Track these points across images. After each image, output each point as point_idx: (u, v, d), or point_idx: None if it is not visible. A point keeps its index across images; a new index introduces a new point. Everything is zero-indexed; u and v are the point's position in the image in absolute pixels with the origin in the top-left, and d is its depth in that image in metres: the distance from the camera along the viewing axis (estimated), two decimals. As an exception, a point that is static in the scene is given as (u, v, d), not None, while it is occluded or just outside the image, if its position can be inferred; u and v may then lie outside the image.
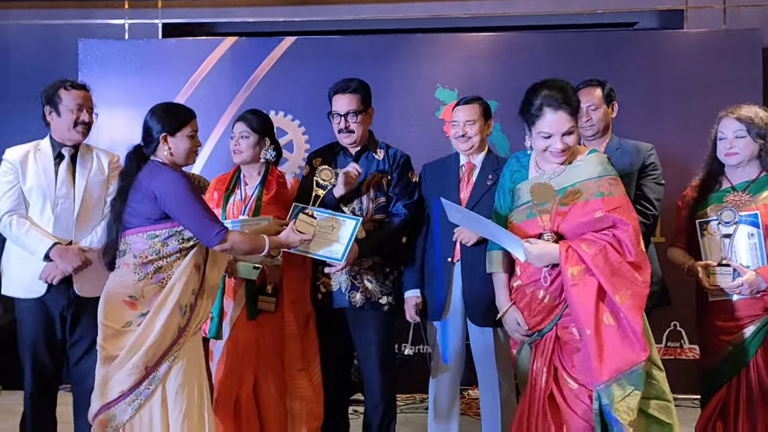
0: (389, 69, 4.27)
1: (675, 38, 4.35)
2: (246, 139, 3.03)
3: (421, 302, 3.04)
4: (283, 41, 4.41)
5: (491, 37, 4.50)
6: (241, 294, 2.94)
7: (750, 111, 2.71)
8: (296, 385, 2.95)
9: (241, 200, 3.05)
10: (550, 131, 2.40)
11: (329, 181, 2.82)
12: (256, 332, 2.93)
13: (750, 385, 2.54)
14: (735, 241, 2.58)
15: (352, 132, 3.00)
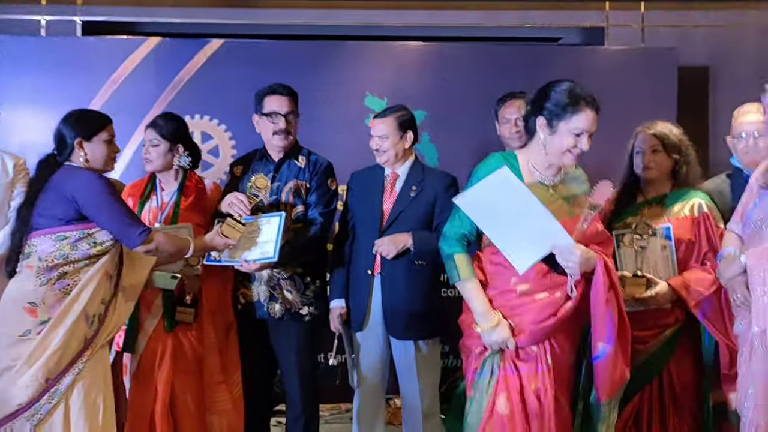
0: (319, 76, 4.22)
1: (596, 54, 4.49)
2: (156, 147, 2.92)
3: (346, 312, 3.01)
4: (210, 43, 4.29)
5: (421, 47, 4.52)
6: (158, 305, 2.83)
7: (665, 127, 2.81)
8: (216, 398, 2.87)
9: (158, 207, 2.95)
10: (585, 128, 2.30)
11: (264, 190, 2.74)
12: (173, 344, 2.83)
13: (662, 394, 2.62)
14: (649, 253, 2.67)
15: (290, 134, 2.95)
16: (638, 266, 2.67)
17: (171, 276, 2.80)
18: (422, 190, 3.01)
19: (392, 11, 4.70)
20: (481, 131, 4.00)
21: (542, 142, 2.33)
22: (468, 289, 2.35)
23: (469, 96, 4.17)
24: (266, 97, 2.96)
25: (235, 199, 2.79)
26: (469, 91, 4.20)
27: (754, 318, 2.21)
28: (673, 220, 2.69)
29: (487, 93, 3.81)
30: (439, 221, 3.00)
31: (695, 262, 2.67)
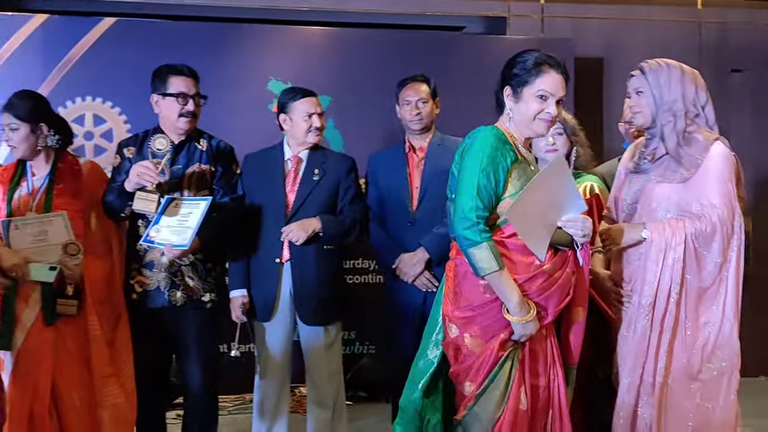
0: (219, 58, 4.10)
1: (498, 43, 4.58)
2: (16, 132, 2.68)
3: (248, 302, 2.94)
4: (103, 21, 4.08)
5: (326, 32, 4.47)
6: (35, 298, 2.64)
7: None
8: (106, 392, 2.71)
9: (28, 194, 2.73)
10: (550, 91, 2.17)
11: (165, 149, 2.64)
12: (54, 338, 2.65)
13: None
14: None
15: (196, 117, 2.84)
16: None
17: (49, 267, 2.60)
18: (325, 174, 2.97)
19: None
20: (385, 117, 3.97)
21: (509, 114, 2.23)
22: (504, 278, 2.11)
23: (374, 82, 4.16)
24: (171, 77, 2.82)
25: (141, 168, 2.64)
26: (374, 77, 4.19)
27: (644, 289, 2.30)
28: None
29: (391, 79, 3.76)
30: (343, 204, 2.99)
31: None
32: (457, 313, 2.20)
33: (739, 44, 5.16)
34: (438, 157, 3.09)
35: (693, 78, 2.38)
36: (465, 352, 2.19)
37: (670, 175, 2.33)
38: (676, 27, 5.01)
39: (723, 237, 2.27)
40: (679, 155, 2.31)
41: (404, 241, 3.05)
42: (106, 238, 2.86)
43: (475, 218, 2.11)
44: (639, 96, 2.39)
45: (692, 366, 2.30)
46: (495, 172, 2.14)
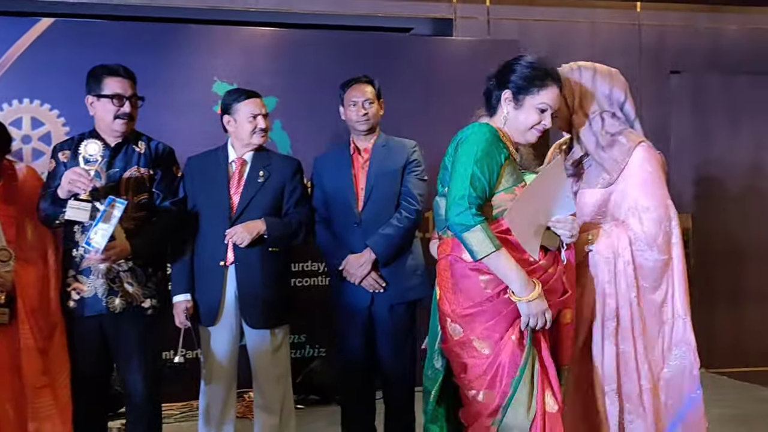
0: (161, 59, 4.03)
1: (445, 44, 4.62)
2: None
3: (192, 306, 2.88)
4: (40, 22, 3.97)
5: (273, 33, 4.43)
6: None
7: None
8: (38, 404, 2.61)
9: None
10: (550, 104, 2.17)
11: (97, 154, 2.57)
12: None
13: None
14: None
15: (132, 119, 2.77)
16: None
17: None
18: (270, 176, 2.94)
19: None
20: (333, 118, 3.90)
21: (505, 117, 2.20)
22: (503, 258, 2.05)
23: (321, 83, 4.13)
24: (106, 78, 2.74)
25: (72, 174, 2.55)
26: (320, 78, 4.17)
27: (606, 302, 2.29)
28: None
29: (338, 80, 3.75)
30: (288, 206, 2.97)
31: None
32: (459, 311, 2.14)
33: (678, 46, 5.32)
34: (383, 158, 3.09)
35: (608, 77, 2.37)
36: (474, 355, 2.12)
37: (594, 180, 2.34)
38: (617, 29, 5.14)
39: (663, 236, 2.26)
40: (602, 158, 2.31)
41: (350, 243, 3.03)
42: (41, 245, 2.77)
43: (467, 204, 2.07)
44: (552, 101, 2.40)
45: (656, 367, 2.32)
46: (489, 165, 2.12)
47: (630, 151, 2.29)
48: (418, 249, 3.12)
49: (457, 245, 2.16)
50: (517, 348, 2.10)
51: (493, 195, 2.15)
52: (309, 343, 4.25)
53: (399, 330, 3.06)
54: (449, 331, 2.17)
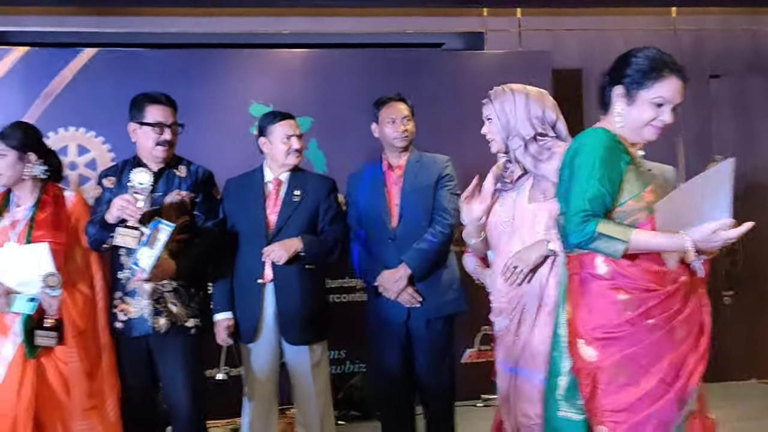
0: (200, 84, 4.14)
1: (476, 58, 4.63)
2: (3, 158, 2.73)
3: (233, 324, 2.95)
4: (84, 52, 4.12)
5: (305, 54, 4.51)
6: (15, 331, 2.65)
7: None
8: (86, 425, 2.69)
9: (10, 225, 2.76)
10: (668, 98, 2.01)
11: (147, 184, 2.66)
12: (35, 372, 2.64)
13: None
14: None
15: (172, 145, 2.87)
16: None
17: (28, 299, 2.62)
18: (305, 195, 3.00)
19: (273, 18, 4.68)
20: (368, 136, 3.99)
21: (617, 114, 2.05)
22: (641, 237, 1.91)
23: (354, 101, 4.19)
24: (148, 106, 2.85)
25: (122, 201, 2.65)
26: (354, 96, 4.23)
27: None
28: None
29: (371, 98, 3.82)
30: (324, 224, 3.02)
31: None
32: (594, 333, 1.97)
33: (716, 50, 5.23)
34: (416, 173, 3.12)
35: (539, 99, 2.40)
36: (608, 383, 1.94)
37: (539, 194, 2.34)
38: (653, 36, 5.06)
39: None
40: (545, 171, 2.31)
41: (385, 259, 3.06)
42: (88, 269, 2.87)
43: (581, 219, 1.94)
44: (489, 123, 2.43)
45: None
46: (609, 175, 1.97)
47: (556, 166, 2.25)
48: (453, 263, 3.13)
49: (588, 261, 2.02)
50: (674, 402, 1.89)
51: (621, 205, 2.00)
52: (349, 359, 4.28)
53: (437, 344, 3.07)
54: (581, 353, 2.01)
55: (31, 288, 2.63)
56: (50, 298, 2.64)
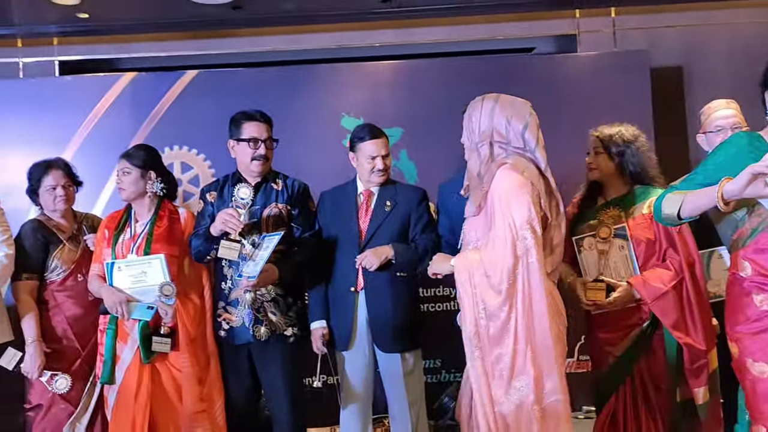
0: (293, 100, 4.26)
1: (570, 61, 4.52)
2: (128, 175, 2.98)
3: (328, 333, 3.00)
4: (185, 75, 4.34)
5: (394, 65, 4.56)
6: (134, 337, 2.84)
7: (612, 129, 2.80)
8: (198, 427, 2.85)
9: (130, 238, 2.97)
10: None
11: (248, 198, 2.77)
12: (152, 376, 2.83)
13: (635, 394, 2.60)
14: (609, 256, 2.66)
15: (267, 159, 2.96)
16: (600, 270, 2.67)
17: (147, 307, 2.80)
18: (396, 205, 3.03)
19: (362, 32, 4.75)
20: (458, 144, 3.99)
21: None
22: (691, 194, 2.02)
23: (444, 110, 4.18)
24: (245, 123, 2.97)
25: (225, 215, 2.77)
26: (444, 105, 4.22)
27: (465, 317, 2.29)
28: (631, 220, 2.68)
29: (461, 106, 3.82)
30: (415, 233, 3.04)
31: (657, 260, 2.65)
32: (738, 329, 2.08)
33: (833, 39, 4.87)
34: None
35: (508, 107, 2.34)
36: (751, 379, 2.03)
37: (470, 208, 2.35)
38: (760, 28, 4.79)
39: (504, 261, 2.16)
40: (476, 186, 2.29)
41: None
42: (198, 280, 3.04)
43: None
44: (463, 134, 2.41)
45: (496, 397, 2.20)
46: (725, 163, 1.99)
47: (492, 176, 2.25)
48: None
49: (736, 262, 2.11)
50: None
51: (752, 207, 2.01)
52: (445, 368, 4.26)
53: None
54: (731, 351, 2.13)
55: (147, 297, 2.82)
56: (166, 306, 2.82)
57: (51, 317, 3.06)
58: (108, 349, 2.84)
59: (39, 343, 2.97)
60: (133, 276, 2.85)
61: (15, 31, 4.49)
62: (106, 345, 2.86)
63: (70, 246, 3.13)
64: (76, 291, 3.08)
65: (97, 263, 3.01)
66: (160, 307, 2.83)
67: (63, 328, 3.05)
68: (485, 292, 2.22)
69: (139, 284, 2.85)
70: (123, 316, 2.82)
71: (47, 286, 3.08)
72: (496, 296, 2.20)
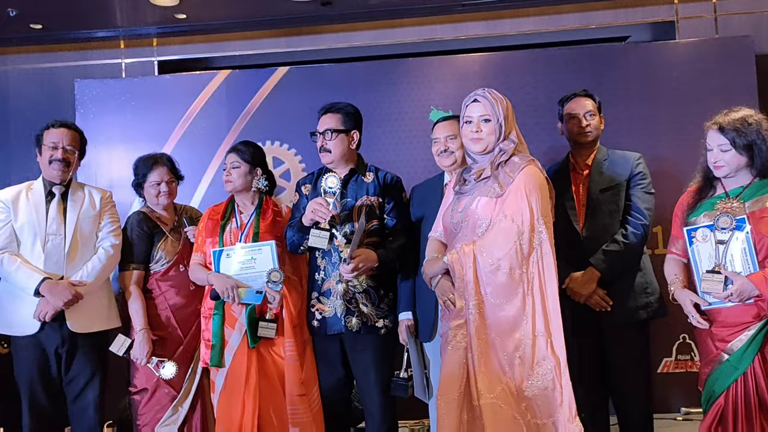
0: (382, 94, 4.29)
1: (667, 49, 4.34)
2: (237, 169, 3.10)
3: (413, 324, 3.00)
4: (276, 71, 4.44)
5: (483, 58, 4.50)
6: (241, 322, 2.95)
7: (736, 118, 2.58)
8: (297, 411, 2.92)
9: (237, 228, 3.09)
10: None
11: (336, 187, 2.83)
12: (257, 360, 2.93)
13: (747, 394, 2.46)
14: (726, 248, 2.53)
15: (329, 151, 2.99)
16: (716, 262, 2.54)
17: (256, 291, 2.90)
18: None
19: (450, 24, 4.72)
20: (548, 136, 3.94)
21: None
22: None
23: (535, 102, 4.13)
24: (321, 116, 3.05)
25: (315, 204, 2.83)
26: (534, 97, 4.16)
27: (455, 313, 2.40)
28: (750, 213, 2.53)
29: (552, 98, 3.73)
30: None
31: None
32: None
33: None
34: (604, 172, 2.99)
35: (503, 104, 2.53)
36: None
37: (488, 190, 2.45)
38: None
39: (516, 246, 2.30)
40: (497, 174, 2.45)
41: (572, 261, 2.96)
42: (298, 269, 3.14)
43: None
44: (486, 123, 2.51)
45: (514, 386, 2.29)
46: None
47: (520, 168, 2.42)
48: (647, 266, 2.96)
49: None
50: None
51: None
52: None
53: (630, 352, 2.91)
54: None
55: (255, 283, 2.94)
56: (273, 291, 2.92)
57: (155, 306, 3.20)
58: (216, 333, 2.95)
59: (147, 330, 3.12)
60: (242, 262, 2.96)
61: (118, 33, 4.73)
62: (213, 330, 2.97)
63: (173, 237, 3.27)
64: (178, 281, 3.21)
65: (199, 252, 3.13)
66: (268, 292, 2.92)
67: (166, 316, 3.18)
68: (486, 280, 2.36)
69: (248, 270, 2.96)
70: (234, 301, 2.92)
71: (151, 276, 3.22)
72: (498, 286, 2.35)
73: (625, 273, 2.92)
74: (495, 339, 2.33)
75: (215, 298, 2.97)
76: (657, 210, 3.05)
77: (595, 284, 2.90)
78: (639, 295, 2.92)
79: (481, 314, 2.36)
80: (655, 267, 3.01)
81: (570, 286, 2.94)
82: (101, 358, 3.13)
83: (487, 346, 2.34)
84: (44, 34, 4.64)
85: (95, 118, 4.42)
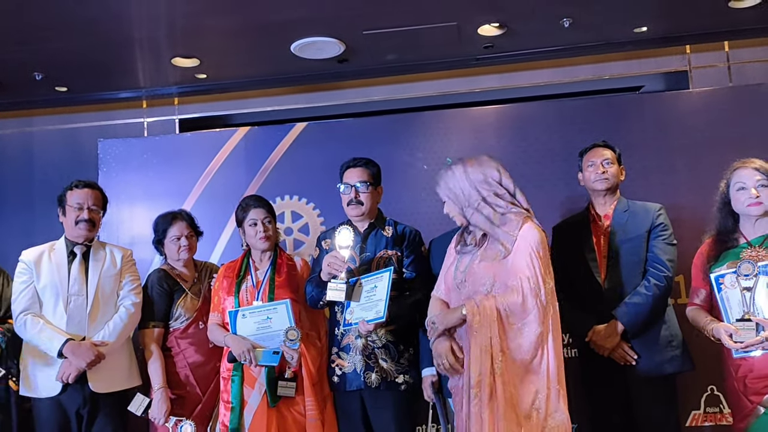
0: (398, 147, 4.32)
1: (682, 99, 4.36)
2: (271, 224, 3.12)
3: (438, 380, 2.96)
4: (295, 127, 4.50)
5: (499, 110, 4.54)
6: (261, 381, 2.93)
7: (765, 163, 2.69)
8: None
9: (253, 286, 3.08)
10: None
11: (348, 239, 2.84)
12: (277, 419, 2.90)
13: None
14: (755, 294, 2.49)
15: (361, 204, 3.01)
16: (745, 309, 2.50)
17: (273, 352, 2.88)
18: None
19: (465, 78, 4.79)
20: (565, 187, 3.94)
21: None
22: None
23: (550, 153, 4.14)
24: (344, 171, 3.07)
25: (330, 258, 2.84)
26: (549, 148, 4.17)
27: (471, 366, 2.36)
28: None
29: (569, 148, 3.77)
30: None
31: None
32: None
33: None
34: (625, 223, 2.99)
35: (477, 166, 2.52)
36: None
37: (491, 254, 2.45)
38: None
39: (537, 306, 2.32)
40: (497, 235, 2.44)
41: (595, 313, 2.93)
42: (315, 325, 3.11)
43: None
44: (446, 204, 2.58)
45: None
46: None
47: (519, 225, 2.43)
48: (672, 318, 2.92)
49: None
50: None
51: None
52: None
53: (657, 406, 2.84)
54: None
55: (272, 342, 2.90)
56: (291, 350, 2.89)
57: (174, 363, 3.19)
58: (235, 395, 2.92)
59: (166, 389, 3.10)
60: (258, 322, 2.94)
61: (140, 93, 4.84)
62: (232, 392, 2.95)
63: (192, 295, 3.28)
64: (197, 338, 3.21)
65: (216, 312, 3.12)
66: (285, 351, 2.89)
67: (185, 375, 3.17)
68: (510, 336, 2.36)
69: (264, 330, 2.94)
70: (251, 363, 2.89)
71: (171, 334, 3.23)
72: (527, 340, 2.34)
73: (649, 326, 2.88)
74: (513, 392, 2.32)
75: (232, 361, 2.96)
76: (678, 259, 3.02)
77: (619, 337, 2.86)
78: (664, 348, 2.87)
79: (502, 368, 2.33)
80: (678, 318, 2.96)
81: (593, 339, 2.90)
82: (122, 418, 3.11)
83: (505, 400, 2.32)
84: (69, 96, 4.76)
85: (117, 176, 4.49)
